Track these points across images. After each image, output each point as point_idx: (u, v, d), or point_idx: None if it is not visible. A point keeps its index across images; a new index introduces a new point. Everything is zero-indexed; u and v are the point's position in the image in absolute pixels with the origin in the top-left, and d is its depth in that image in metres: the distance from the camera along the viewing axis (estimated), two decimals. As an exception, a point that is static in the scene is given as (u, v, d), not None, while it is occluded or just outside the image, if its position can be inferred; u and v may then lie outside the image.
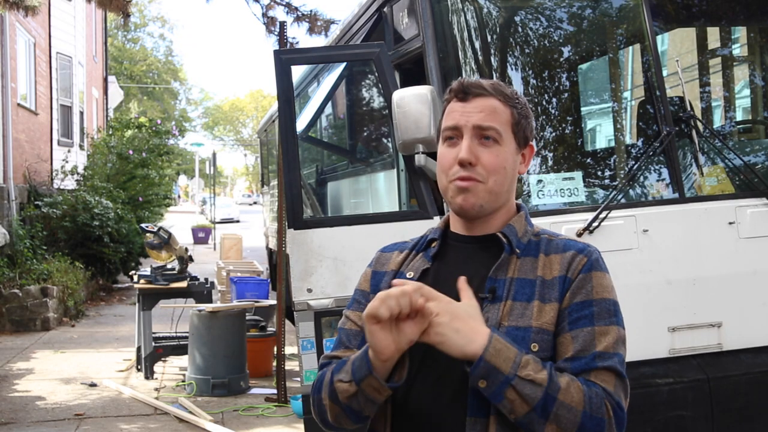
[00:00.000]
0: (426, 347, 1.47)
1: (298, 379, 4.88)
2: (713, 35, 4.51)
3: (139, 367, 7.49)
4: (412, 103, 3.43)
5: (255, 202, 57.19)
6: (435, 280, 1.58)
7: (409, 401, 1.56)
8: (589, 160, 4.13)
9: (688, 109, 3.76)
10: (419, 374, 1.55)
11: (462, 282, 1.50)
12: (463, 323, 1.43)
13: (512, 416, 1.44)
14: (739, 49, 4.71)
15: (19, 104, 12.96)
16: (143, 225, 8.32)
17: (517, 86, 3.83)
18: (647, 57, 3.84)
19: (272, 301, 7.68)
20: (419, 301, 1.42)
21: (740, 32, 4.62)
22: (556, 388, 1.42)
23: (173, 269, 7.60)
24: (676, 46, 5.47)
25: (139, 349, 7.50)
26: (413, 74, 4.12)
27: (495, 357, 1.41)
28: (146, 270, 7.63)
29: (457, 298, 1.48)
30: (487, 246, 1.61)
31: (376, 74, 3.78)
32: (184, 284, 7.47)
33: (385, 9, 4.26)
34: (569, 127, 4.01)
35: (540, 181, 3.63)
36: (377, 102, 5.49)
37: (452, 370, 1.50)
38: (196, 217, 32.62)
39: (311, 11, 10.96)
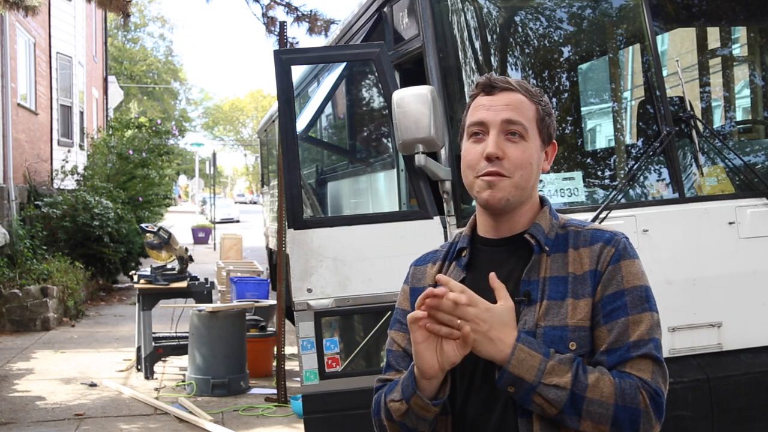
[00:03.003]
0: (477, 358, 1.51)
1: (298, 379, 4.88)
2: (713, 35, 4.51)
3: (139, 367, 7.49)
4: (412, 103, 3.43)
5: (254, 202, 57.15)
6: (473, 290, 1.56)
7: (466, 412, 1.59)
8: (589, 160, 4.13)
9: (688, 109, 3.76)
10: (473, 385, 1.58)
11: (495, 281, 1.51)
12: (496, 332, 1.47)
13: (546, 415, 1.48)
14: (739, 49, 4.71)
15: (19, 104, 12.95)
16: (143, 225, 8.32)
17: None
18: (647, 57, 3.84)
19: (272, 301, 7.69)
20: (466, 310, 1.46)
21: (740, 32, 4.62)
22: (583, 387, 1.44)
23: (173, 269, 7.60)
24: (676, 46, 5.46)
25: (139, 349, 7.50)
26: (413, 74, 4.11)
27: (518, 368, 1.46)
28: (146, 270, 7.63)
29: (495, 302, 1.51)
30: (517, 247, 1.62)
31: (376, 74, 3.77)
32: (184, 284, 7.47)
33: (385, 9, 4.26)
34: (569, 127, 4.01)
35: (540, 181, 3.62)
36: (377, 102, 5.49)
37: None
38: (196, 217, 32.61)
39: (311, 11, 10.96)
